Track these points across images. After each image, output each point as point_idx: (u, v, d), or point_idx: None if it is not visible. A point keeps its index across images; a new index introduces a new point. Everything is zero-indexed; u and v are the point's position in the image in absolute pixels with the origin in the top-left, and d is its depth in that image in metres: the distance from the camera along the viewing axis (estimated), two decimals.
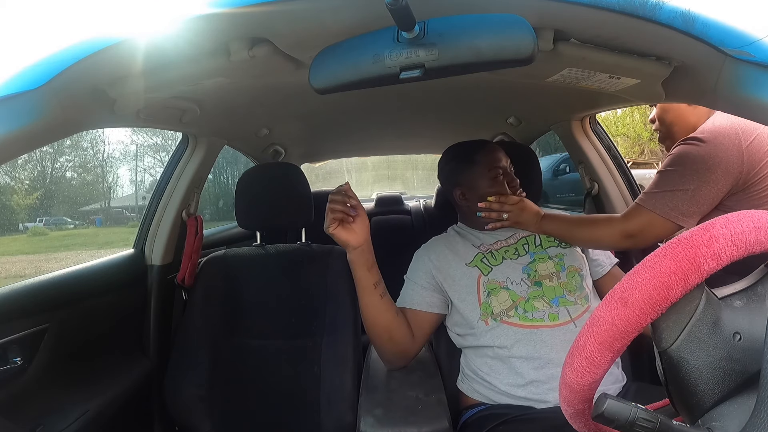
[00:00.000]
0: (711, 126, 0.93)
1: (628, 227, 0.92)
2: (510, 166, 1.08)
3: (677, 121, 1.06)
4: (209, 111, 1.04)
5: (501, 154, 1.07)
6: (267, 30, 0.64)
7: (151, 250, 1.27)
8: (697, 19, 0.53)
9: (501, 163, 1.05)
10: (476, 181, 1.05)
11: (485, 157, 1.05)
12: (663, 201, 0.89)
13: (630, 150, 10.85)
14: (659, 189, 0.91)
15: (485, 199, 1.02)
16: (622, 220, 0.94)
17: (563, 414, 0.44)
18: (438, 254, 1.04)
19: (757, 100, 0.53)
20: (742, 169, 0.88)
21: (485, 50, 0.51)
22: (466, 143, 1.11)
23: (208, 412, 1.09)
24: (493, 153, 1.06)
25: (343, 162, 3.78)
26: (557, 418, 0.56)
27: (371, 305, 0.91)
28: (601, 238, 0.96)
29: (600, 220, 0.98)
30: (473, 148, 1.07)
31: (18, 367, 0.89)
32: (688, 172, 0.89)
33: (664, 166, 0.95)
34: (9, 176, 5.49)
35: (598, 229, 0.96)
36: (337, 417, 1.06)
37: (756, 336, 0.35)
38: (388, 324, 0.93)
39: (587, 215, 1.02)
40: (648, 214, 0.91)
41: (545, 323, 0.93)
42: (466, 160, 1.07)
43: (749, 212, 0.36)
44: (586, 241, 0.99)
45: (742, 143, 0.89)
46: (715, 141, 0.89)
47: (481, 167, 1.05)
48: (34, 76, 0.57)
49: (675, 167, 0.92)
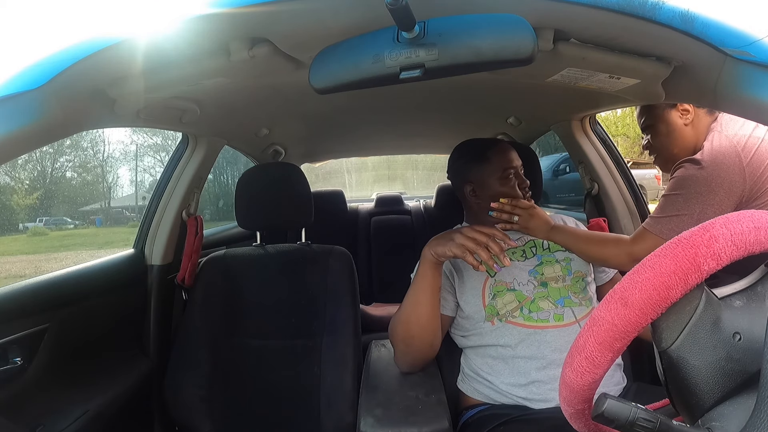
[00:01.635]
0: (710, 147, 0.93)
1: (635, 251, 0.92)
2: (521, 167, 1.07)
3: (675, 143, 1.05)
4: (209, 111, 1.04)
5: (514, 154, 1.06)
6: (267, 30, 0.64)
7: (151, 250, 1.26)
8: (697, 19, 0.53)
9: (514, 164, 1.05)
10: (487, 179, 1.04)
11: (498, 156, 1.04)
12: (669, 226, 0.90)
13: (630, 150, 10.85)
14: (665, 214, 0.92)
15: (495, 198, 1.02)
16: (630, 243, 0.94)
17: (563, 414, 0.44)
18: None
19: (757, 100, 0.53)
20: (745, 186, 0.89)
21: (485, 50, 0.51)
22: (480, 140, 1.10)
23: (208, 411, 1.09)
24: (506, 152, 1.05)
25: (343, 162, 3.78)
26: (557, 418, 0.56)
27: (432, 307, 0.91)
28: (608, 258, 0.96)
29: (609, 240, 0.98)
30: (487, 146, 1.07)
31: (18, 367, 0.89)
32: (692, 196, 0.90)
33: (668, 191, 0.96)
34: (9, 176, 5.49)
35: (606, 248, 0.96)
36: (337, 417, 1.06)
37: (756, 336, 0.35)
38: (436, 328, 0.93)
39: (597, 233, 1.01)
40: (654, 239, 0.91)
41: (550, 324, 0.93)
42: (479, 157, 1.06)
43: (749, 212, 0.36)
44: (593, 258, 0.99)
45: (743, 161, 0.90)
46: (715, 162, 0.90)
47: (494, 165, 1.04)
48: (34, 76, 0.57)
49: (679, 191, 0.93)
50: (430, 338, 0.93)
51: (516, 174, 1.05)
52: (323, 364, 1.12)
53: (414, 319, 0.91)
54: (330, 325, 1.15)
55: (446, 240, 0.86)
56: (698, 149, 0.98)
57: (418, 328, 0.92)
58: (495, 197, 1.02)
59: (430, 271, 0.89)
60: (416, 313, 0.91)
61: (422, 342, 0.93)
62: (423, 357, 0.97)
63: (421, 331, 0.92)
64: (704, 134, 1.00)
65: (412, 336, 0.93)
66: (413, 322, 0.91)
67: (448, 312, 1.00)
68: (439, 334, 0.96)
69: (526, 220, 1.00)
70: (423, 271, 0.90)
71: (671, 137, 1.05)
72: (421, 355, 0.96)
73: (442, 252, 0.86)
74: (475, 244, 0.82)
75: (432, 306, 0.91)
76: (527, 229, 1.00)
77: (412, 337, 0.93)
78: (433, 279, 0.90)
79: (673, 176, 0.96)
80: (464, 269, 1.01)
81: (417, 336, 0.93)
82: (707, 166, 0.91)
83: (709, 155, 0.92)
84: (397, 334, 0.94)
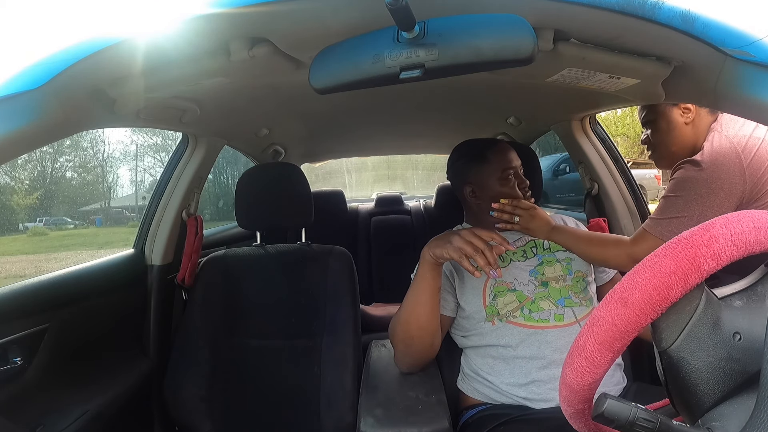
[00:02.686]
0: (710, 148, 0.93)
1: (636, 252, 0.92)
2: (520, 167, 1.07)
3: (674, 141, 1.05)
4: (209, 111, 1.04)
5: (513, 154, 1.06)
6: (267, 30, 0.64)
7: (151, 250, 1.26)
8: (697, 19, 0.53)
9: (513, 164, 1.04)
10: (487, 180, 1.04)
11: (498, 156, 1.04)
12: (669, 228, 0.90)
13: (630, 150, 10.85)
14: (665, 216, 0.92)
15: (495, 198, 1.01)
16: (631, 244, 0.94)
17: (563, 414, 0.44)
18: None
19: (757, 100, 0.53)
20: (745, 188, 0.89)
21: (485, 50, 0.51)
22: (479, 140, 1.10)
23: (208, 412, 1.09)
24: (505, 153, 1.05)
25: (343, 162, 3.78)
26: (557, 418, 0.56)
27: (431, 308, 0.91)
28: (609, 259, 0.96)
29: (609, 242, 0.98)
30: (486, 146, 1.06)
31: (18, 367, 0.89)
32: (691, 198, 0.90)
33: (668, 192, 0.95)
34: (9, 176, 5.49)
35: (607, 249, 0.96)
36: (337, 417, 1.06)
37: (756, 336, 0.35)
38: (436, 329, 0.93)
39: (597, 234, 1.01)
40: (654, 241, 0.91)
41: (551, 324, 0.93)
42: (478, 158, 1.05)
43: (749, 212, 0.36)
44: (594, 259, 0.98)
45: (743, 162, 0.89)
46: (715, 164, 0.90)
47: (493, 166, 1.04)
48: (34, 76, 0.57)
49: (679, 193, 0.92)
50: (429, 339, 0.93)
51: (515, 174, 1.05)
52: (323, 364, 1.12)
53: (414, 320, 0.91)
54: (330, 325, 1.15)
55: (444, 242, 0.86)
56: (697, 149, 0.97)
57: (418, 328, 0.91)
58: (495, 198, 1.01)
59: (430, 272, 0.89)
60: (416, 314, 0.91)
61: (422, 342, 0.93)
62: (423, 357, 0.97)
63: (421, 331, 0.92)
64: (704, 134, 0.99)
65: (412, 336, 0.93)
66: (413, 323, 0.91)
67: (448, 312, 1.00)
68: (439, 334, 0.96)
69: (527, 221, 0.99)
70: (422, 272, 0.90)
71: (671, 135, 1.05)
72: (420, 356, 0.96)
73: (440, 254, 0.86)
74: (472, 248, 0.82)
75: (431, 307, 0.91)
76: (528, 230, 1.00)
77: (412, 337, 0.93)
78: (433, 280, 0.90)
79: (673, 177, 0.96)
80: (459, 267, 1.01)
81: (417, 336, 0.92)
82: (707, 168, 0.90)
83: (709, 156, 0.92)
84: (397, 334, 0.94)
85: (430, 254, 0.88)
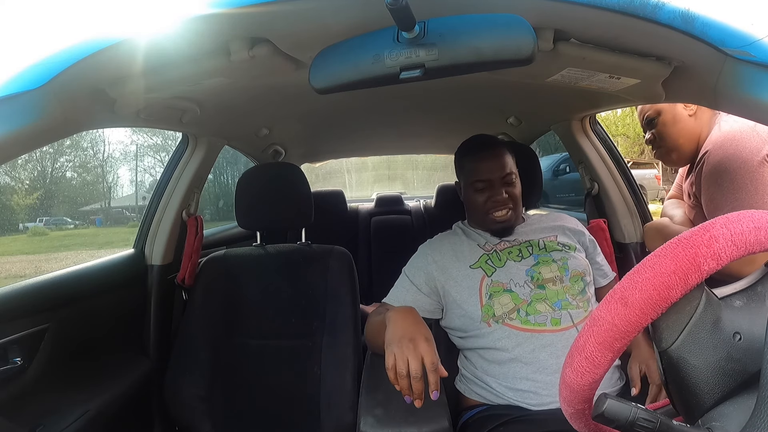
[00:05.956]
0: (718, 131, 0.97)
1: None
2: (506, 176, 1.01)
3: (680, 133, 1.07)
4: (209, 111, 1.04)
5: (492, 164, 1.01)
6: (267, 30, 0.64)
7: (151, 250, 1.26)
8: (697, 19, 0.53)
9: (484, 176, 1.01)
10: (464, 184, 1.07)
11: (471, 165, 1.04)
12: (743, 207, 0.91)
13: (630, 150, 10.85)
14: (728, 203, 0.92)
15: (470, 204, 1.04)
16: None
17: (563, 414, 0.44)
18: (442, 254, 1.03)
19: (757, 100, 0.53)
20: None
21: (485, 50, 0.51)
22: (471, 142, 1.08)
23: (208, 412, 1.09)
24: (480, 162, 1.01)
25: (343, 162, 3.78)
26: (557, 418, 0.56)
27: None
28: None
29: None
30: (468, 151, 1.07)
31: (18, 367, 0.89)
32: (726, 184, 0.92)
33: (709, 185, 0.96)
34: (9, 176, 5.49)
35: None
36: (337, 417, 1.06)
37: (756, 336, 0.35)
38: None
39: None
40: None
41: (547, 328, 0.92)
42: (458, 161, 1.08)
43: (749, 212, 0.36)
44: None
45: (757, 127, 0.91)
46: (732, 136, 0.94)
47: (466, 175, 1.05)
48: (34, 76, 0.57)
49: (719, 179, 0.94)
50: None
51: (490, 186, 1.01)
52: (323, 364, 1.12)
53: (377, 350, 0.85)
54: (330, 325, 1.15)
55: (394, 337, 0.75)
56: (702, 140, 1.01)
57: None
58: (469, 204, 1.05)
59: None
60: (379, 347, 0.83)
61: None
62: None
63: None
64: (707, 126, 1.03)
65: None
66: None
67: (429, 315, 1.00)
68: None
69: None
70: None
71: (677, 127, 1.07)
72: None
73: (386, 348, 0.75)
74: (395, 375, 0.73)
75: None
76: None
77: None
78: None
79: (704, 171, 0.97)
80: (454, 267, 1.01)
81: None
82: (726, 142, 0.94)
83: (720, 136, 0.96)
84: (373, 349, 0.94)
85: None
